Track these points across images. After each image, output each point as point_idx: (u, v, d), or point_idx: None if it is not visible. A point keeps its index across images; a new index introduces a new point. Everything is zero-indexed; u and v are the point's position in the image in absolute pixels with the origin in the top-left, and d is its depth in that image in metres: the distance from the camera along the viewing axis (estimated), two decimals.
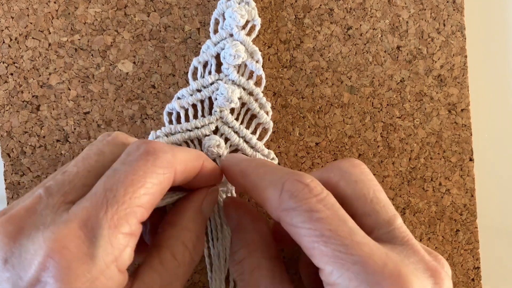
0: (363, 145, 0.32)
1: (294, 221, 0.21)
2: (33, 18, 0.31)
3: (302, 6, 0.32)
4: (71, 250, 0.19)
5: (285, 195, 0.22)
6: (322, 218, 0.21)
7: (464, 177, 0.32)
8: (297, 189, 0.22)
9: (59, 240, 0.19)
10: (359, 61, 0.32)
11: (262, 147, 0.30)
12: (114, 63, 0.31)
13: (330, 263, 0.20)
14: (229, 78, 0.30)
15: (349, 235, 0.21)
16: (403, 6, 0.32)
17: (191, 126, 0.30)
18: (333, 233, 0.21)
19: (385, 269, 0.20)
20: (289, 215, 0.22)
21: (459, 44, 0.32)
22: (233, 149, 0.31)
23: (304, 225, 0.21)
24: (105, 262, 0.19)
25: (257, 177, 0.24)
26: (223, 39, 0.30)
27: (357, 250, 0.20)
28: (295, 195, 0.22)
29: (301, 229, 0.21)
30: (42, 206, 0.20)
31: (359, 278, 0.20)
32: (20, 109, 0.31)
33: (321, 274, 0.21)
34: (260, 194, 0.23)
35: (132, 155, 0.22)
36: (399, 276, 0.20)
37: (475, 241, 0.32)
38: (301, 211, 0.21)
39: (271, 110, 0.31)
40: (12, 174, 0.31)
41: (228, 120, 0.30)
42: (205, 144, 0.30)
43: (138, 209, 0.20)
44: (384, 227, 0.23)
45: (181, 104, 0.30)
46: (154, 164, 0.21)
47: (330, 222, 0.21)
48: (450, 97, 0.32)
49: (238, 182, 0.25)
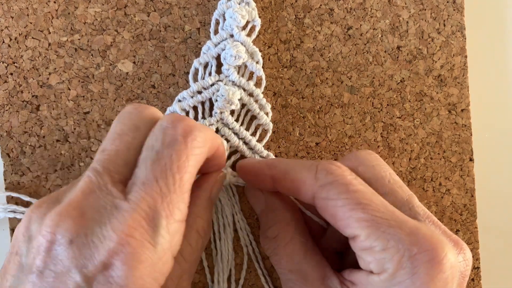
0: (363, 145, 0.32)
1: (330, 193, 0.23)
2: (33, 18, 0.31)
3: (302, 6, 0.32)
4: (137, 239, 0.20)
5: (321, 173, 0.24)
6: (358, 190, 0.23)
7: (464, 177, 0.32)
8: (332, 168, 0.24)
9: (127, 230, 0.20)
10: (359, 61, 0.32)
11: (261, 149, 0.30)
12: (114, 63, 0.31)
13: (367, 228, 0.22)
14: (230, 79, 0.30)
15: (383, 206, 0.23)
16: (403, 6, 0.32)
17: None
18: (369, 201, 0.23)
19: (419, 231, 0.22)
20: (325, 189, 0.24)
21: (459, 44, 0.32)
22: (232, 151, 0.31)
23: (341, 196, 0.23)
24: (163, 248, 0.21)
25: (287, 165, 0.26)
26: (223, 40, 0.30)
27: (392, 216, 0.22)
28: (331, 172, 0.24)
29: (337, 200, 0.23)
30: (95, 188, 0.21)
31: (396, 238, 0.22)
32: (20, 109, 0.31)
33: (355, 241, 0.23)
34: (294, 177, 0.25)
35: (170, 135, 0.22)
36: (433, 237, 0.22)
37: (475, 241, 0.32)
38: (338, 184, 0.23)
39: (271, 112, 0.31)
40: (12, 174, 0.31)
41: (228, 121, 0.30)
42: None
43: (186, 195, 0.22)
44: (404, 205, 0.24)
45: (182, 106, 0.30)
46: (192, 145, 0.22)
47: (365, 193, 0.23)
48: (450, 97, 0.32)
49: (264, 174, 0.27)
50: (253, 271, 0.31)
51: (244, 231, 0.31)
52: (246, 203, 0.31)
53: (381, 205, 0.23)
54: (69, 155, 0.31)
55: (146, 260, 0.20)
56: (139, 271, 0.20)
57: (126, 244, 0.20)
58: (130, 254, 0.20)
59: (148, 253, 0.20)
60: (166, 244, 0.21)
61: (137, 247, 0.20)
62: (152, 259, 0.20)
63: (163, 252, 0.21)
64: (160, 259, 0.21)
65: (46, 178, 0.31)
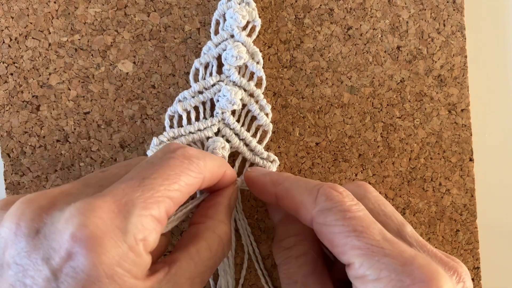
0: (363, 145, 0.32)
1: (328, 219, 0.23)
2: (33, 18, 0.31)
3: (302, 6, 0.32)
4: (105, 221, 0.19)
5: (321, 198, 0.24)
6: (355, 217, 0.23)
7: (464, 177, 0.32)
8: (332, 194, 0.24)
9: (94, 210, 0.19)
10: (359, 61, 0.32)
11: (261, 150, 0.30)
12: (114, 63, 0.31)
13: (361, 256, 0.22)
14: (230, 79, 0.30)
15: (380, 233, 0.23)
16: (403, 6, 0.32)
17: (194, 128, 0.30)
18: (365, 229, 0.22)
19: (414, 261, 0.21)
20: (324, 214, 0.23)
21: (459, 44, 0.32)
22: (232, 151, 0.31)
23: (338, 223, 0.23)
24: (135, 238, 0.20)
25: (291, 184, 0.26)
26: (224, 40, 0.30)
27: (388, 245, 0.22)
28: (330, 198, 0.24)
29: (334, 226, 0.23)
30: (77, 191, 0.21)
31: (389, 268, 0.21)
32: (20, 109, 0.31)
33: (350, 269, 0.22)
34: (295, 198, 0.25)
35: (169, 154, 0.23)
36: (429, 268, 0.21)
37: (475, 241, 0.32)
38: (336, 211, 0.23)
39: (271, 112, 0.31)
40: (12, 174, 0.31)
41: (229, 122, 0.30)
42: (209, 146, 0.30)
43: (169, 200, 0.21)
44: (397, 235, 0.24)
45: (183, 106, 0.30)
46: (188, 167, 0.23)
47: (362, 220, 0.23)
48: (450, 97, 0.32)
49: (268, 190, 0.27)
50: (253, 271, 0.31)
51: (245, 231, 0.31)
52: (247, 203, 0.31)
53: (378, 233, 0.22)
54: (69, 155, 0.31)
55: (114, 247, 0.19)
56: (106, 258, 0.18)
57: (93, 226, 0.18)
58: (96, 238, 0.18)
59: (117, 239, 0.19)
60: (138, 235, 0.20)
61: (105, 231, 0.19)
62: (122, 247, 0.19)
63: (134, 242, 0.19)
64: (132, 250, 0.19)
65: (46, 178, 0.31)
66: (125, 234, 0.19)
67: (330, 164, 0.32)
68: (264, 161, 0.30)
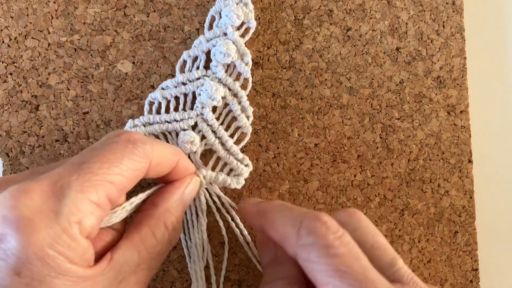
0: (362, 146, 0.32)
1: (310, 256, 0.22)
2: (32, 18, 0.31)
3: (302, 7, 0.32)
4: (36, 202, 0.19)
5: (303, 231, 0.23)
6: (338, 254, 0.22)
7: (463, 178, 0.32)
8: (315, 226, 0.22)
9: (25, 191, 0.19)
10: (358, 62, 0.32)
11: (237, 151, 0.30)
12: (113, 63, 0.31)
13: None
14: (216, 76, 0.30)
15: (363, 272, 0.21)
16: (402, 7, 0.32)
17: (170, 118, 0.30)
18: (348, 268, 0.21)
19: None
20: (306, 250, 0.22)
21: (458, 46, 0.32)
22: (207, 148, 0.31)
23: (320, 260, 0.22)
24: (69, 221, 0.19)
25: (275, 215, 0.25)
26: (216, 37, 0.30)
27: (371, 286, 0.21)
28: (312, 231, 0.22)
29: (317, 264, 0.22)
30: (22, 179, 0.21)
31: None
32: (19, 108, 0.31)
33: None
34: (278, 230, 0.24)
35: (112, 139, 0.23)
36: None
37: (473, 243, 0.32)
38: (318, 247, 0.22)
39: (252, 115, 0.31)
40: (11, 173, 0.31)
41: (208, 117, 0.30)
42: (180, 138, 0.29)
43: (109, 184, 0.21)
44: (388, 269, 0.23)
45: (164, 94, 0.30)
46: (132, 151, 0.22)
47: (346, 258, 0.22)
48: (449, 99, 0.32)
49: (256, 221, 0.26)
50: (252, 271, 0.31)
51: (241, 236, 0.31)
52: None
53: (362, 272, 0.21)
54: (68, 155, 0.31)
55: (46, 229, 0.18)
56: (36, 240, 0.18)
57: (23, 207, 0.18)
58: (26, 219, 0.18)
59: (48, 221, 0.19)
60: (72, 217, 0.19)
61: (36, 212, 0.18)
62: (54, 229, 0.19)
63: (68, 225, 0.19)
64: (65, 231, 0.19)
65: None
66: (58, 216, 0.19)
67: (329, 165, 0.32)
68: (238, 162, 0.30)
